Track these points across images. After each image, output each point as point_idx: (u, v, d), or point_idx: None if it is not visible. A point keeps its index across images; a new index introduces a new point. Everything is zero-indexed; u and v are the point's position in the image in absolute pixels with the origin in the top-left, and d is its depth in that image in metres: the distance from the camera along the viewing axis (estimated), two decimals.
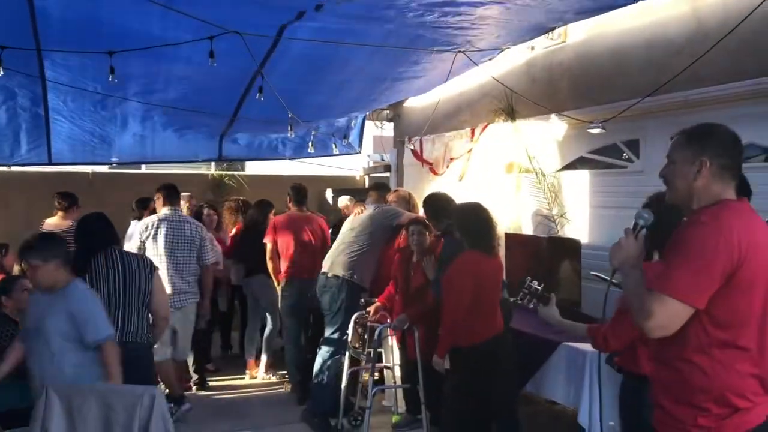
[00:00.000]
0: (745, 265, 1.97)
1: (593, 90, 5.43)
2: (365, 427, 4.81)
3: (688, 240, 2.02)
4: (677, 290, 1.97)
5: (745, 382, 2.01)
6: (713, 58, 4.31)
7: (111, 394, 3.19)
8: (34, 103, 5.79)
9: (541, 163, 6.02)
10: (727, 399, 1.99)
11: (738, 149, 2.17)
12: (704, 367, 2.01)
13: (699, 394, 2.02)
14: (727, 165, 2.12)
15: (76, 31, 4.50)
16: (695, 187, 2.13)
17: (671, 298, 1.97)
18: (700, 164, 2.11)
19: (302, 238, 6.03)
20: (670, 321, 1.99)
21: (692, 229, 2.04)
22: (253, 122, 7.02)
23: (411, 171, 7.91)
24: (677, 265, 2.01)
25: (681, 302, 1.97)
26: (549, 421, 5.22)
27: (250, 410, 5.72)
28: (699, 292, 1.97)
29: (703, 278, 1.97)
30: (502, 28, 5.15)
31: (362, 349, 5.35)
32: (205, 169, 10.20)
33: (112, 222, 4.06)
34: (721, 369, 2.00)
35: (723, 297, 1.98)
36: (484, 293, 4.04)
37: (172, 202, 5.67)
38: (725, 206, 2.08)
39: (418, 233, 4.88)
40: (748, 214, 2.10)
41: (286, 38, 4.74)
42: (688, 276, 1.97)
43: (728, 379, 2.00)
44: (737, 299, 1.99)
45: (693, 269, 1.97)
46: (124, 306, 3.69)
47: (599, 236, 5.54)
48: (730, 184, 2.13)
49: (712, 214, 2.05)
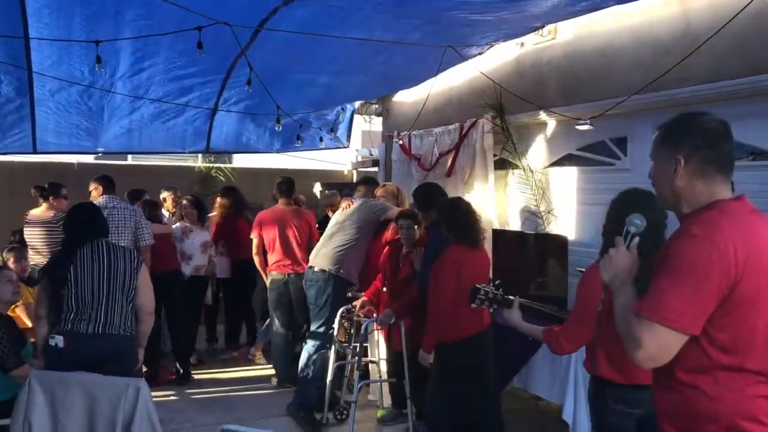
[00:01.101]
0: (745, 280, 1.74)
1: (582, 87, 5.44)
2: (351, 421, 4.81)
3: (677, 256, 1.78)
4: (666, 317, 1.74)
5: (756, 404, 1.77)
6: (701, 58, 4.34)
7: (95, 386, 3.17)
8: (19, 92, 5.73)
9: (529, 159, 6.04)
10: (738, 426, 1.77)
11: (722, 138, 1.91)
12: (708, 391, 1.79)
13: (707, 423, 1.79)
14: (710, 158, 1.87)
15: (65, 19, 4.47)
16: (677, 188, 1.91)
17: (661, 326, 1.74)
18: (676, 162, 1.89)
19: (288, 232, 6.02)
20: (662, 351, 1.77)
21: (682, 242, 1.79)
22: (236, 114, 7.02)
23: (399, 166, 7.90)
24: (666, 287, 1.76)
25: (673, 330, 1.74)
26: (534, 416, 5.25)
27: (235, 404, 5.71)
28: (692, 317, 1.75)
29: (697, 301, 1.74)
30: (493, 27, 5.18)
31: (348, 344, 5.36)
32: (192, 161, 10.14)
33: (102, 215, 4.00)
34: (727, 392, 1.78)
35: (722, 317, 1.76)
36: None
37: (110, 191, 5.88)
38: (719, 210, 1.83)
39: (407, 227, 4.88)
40: (748, 216, 1.85)
41: (269, 29, 4.71)
42: (679, 299, 1.74)
43: (736, 402, 1.77)
44: (739, 319, 1.76)
45: (684, 291, 1.74)
46: (107, 299, 3.65)
47: (586, 233, 5.56)
48: (715, 179, 1.88)
49: (703, 222, 1.80)
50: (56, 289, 3.63)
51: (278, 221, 6.05)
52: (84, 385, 3.17)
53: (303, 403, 5.23)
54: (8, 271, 4.33)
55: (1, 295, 4.06)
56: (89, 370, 3.35)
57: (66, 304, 3.61)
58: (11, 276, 4.21)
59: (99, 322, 3.62)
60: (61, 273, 3.63)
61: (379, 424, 5.24)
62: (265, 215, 6.18)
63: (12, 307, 4.42)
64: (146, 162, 10.05)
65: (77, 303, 3.61)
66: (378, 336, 5.44)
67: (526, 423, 5.07)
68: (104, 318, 3.64)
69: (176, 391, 6.03)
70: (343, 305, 5.27)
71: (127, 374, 3.41)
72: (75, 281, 3.61)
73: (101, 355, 3.58)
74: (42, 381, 3.20)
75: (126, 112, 6.57)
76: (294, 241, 6.00)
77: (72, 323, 3.60)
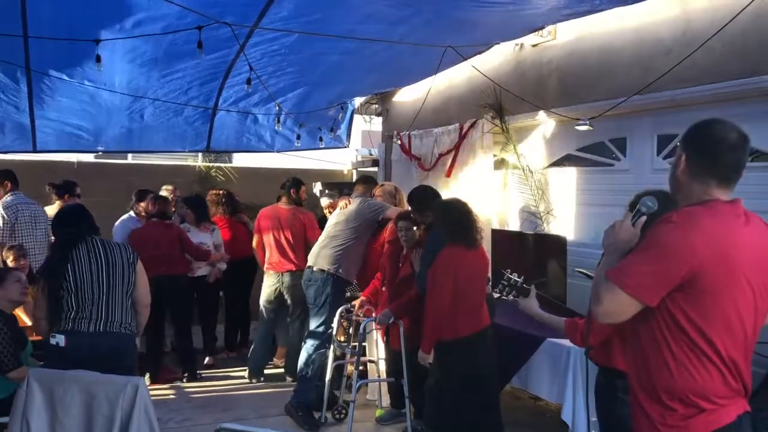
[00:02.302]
0: (707, 271, 1.92)
1: (581, 88, 5.45)
2: (349, 420, 4.81)
3: (652, 236, 1.99)
4: (628, 284, 1.96)
5: (708, 385, 1.97)
6: (700, 59, 4.34)
7: (94, 384, 3.17)
8: (18, 91, 5.74)
9: (529, 159, 6.04)
10: (690, 400, 1.97)
11: (727, 151, 2.04)
12: (670, 367, 1.99)
13: (664, 392, 2.00)
14: (707, 165, 2.04)
15: (65, 17, 4.48)
16: (678, 181, 2.10)
17: (620, 289, 1.97)
18: (679, 158, 2.09)
19: (282, 232, 6.08)
20: (616, 311, 2.01)
21: (661, 226, 1.99)
22: (236, 113, 7.02)
23: (399, 166, 7.91)
24: (636, 260, 2.00)
25: (629, 296, 1.96)
26: (533, 417, 5.25)
27: (234, 403, 5.71)
28: (650, 289, 1.96)
29: (657, 278, 1.95)
30: (494, 28, 5.19)
31: (347, 343, 5.36)
32: (192, 160, 10.14)
33: (90, 213, 4.00)
34: (685, 371, 1.97)
35: (684, 300, 1.96)
36: (468, 287, 4.06)
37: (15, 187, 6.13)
38: (706, 206, 2.00)
39: (406, 229, 4.88)
40: (732, 218, 2.01)
41: (266, 28, 4.72)
42: (643, 272, 1.96)
43: (691, 381, 1.97)
44: (699, 305, 1.96)
45: (649, 267, 1.96)
46: (107, 296, 3.65)
47: (585, 233, 5.57)
48: (710, 183, 2.03)
49: (686, 213, 1.99)
50: (55, 290, 3.63)
51: (274, 220, 6.13)
52: (82, 383, 3.18)
53: (302, 402, 5.23)
54: (17, 272, 4.33)
55: (9, 294, 4.06)
56: (90, 368, 3.35)
57: (66, 303, 3.61)
58: (20, 276, 4.21)
59: (100, 320, 3.63)
60: (59, 273, 3.63)
61: (377, 424, 5.23)
62: (264, 213, 6.28)
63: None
64: (146, 161, 10.04)
65: (77, 302, 3.61)
66: (376, 335, 5.44)
67: (525, 423, 5.07)
68: (105, 315, 3.64)
69: (175, 390, 6.04)
70: (342, 305, 5.28)
71: (128, 372, 3.41)
72: (74, 281, 3.61)
73: (102, 354, 3.58)
74: (40, 379, 3.21)
75: (126, 111, 6.57)
76: (286, 241, 6.07)
77: (73, 322, 3.60)
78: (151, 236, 6.05)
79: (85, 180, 7.13)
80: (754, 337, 2.05)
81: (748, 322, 2.00)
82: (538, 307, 3.13)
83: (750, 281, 1.98)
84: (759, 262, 2.00)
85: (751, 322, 2.01)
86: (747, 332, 2.01)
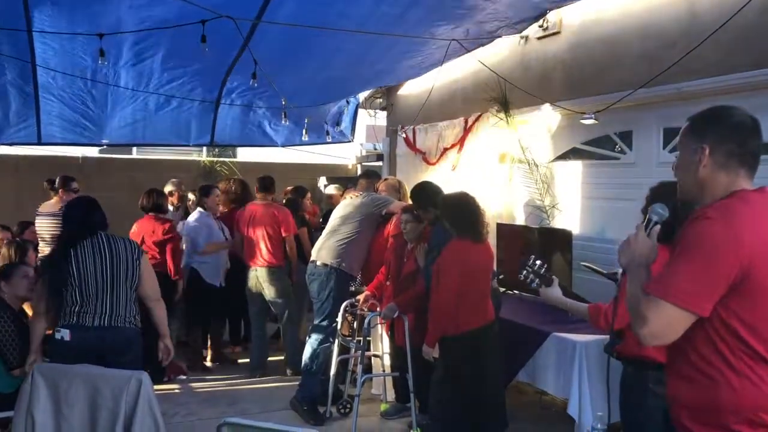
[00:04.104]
0: (759, 266, 1.74)
1: (586, 81, 5.41)
2: (354, 414, 4.81)
3: (690, 237, 1.79)
4: (675, 295, 1.74)
5: None
6: (706, 51, 4.31)
7: (98, 378, 3.17)
8: (23, 84, 5.75)
9: (534, 153, 6.01)
10: (760, 418, 1.75)
11: (748, 133, 1.91)
12: (732, 382, 1.77)
13: (728, 415, 1.77)
14: (734, 152, 1.87)
15: (67, 11, 4.47)
16: (700, 178, 1.91)
17: (668, 303, 1.74)
18: (701, 151, 1.90)
19: (265, 227, 6.11)
20: (667, 329, 1.78)
21: (696, 225, 1.79)
22: (240, 107, 7.01)
23: (403, 160, 7.89)
24: (676, 266, 1.78)
25: (679, 308, 1.74)
26: (538, 411, 5.24)
27: (239, 397, 5.71)
28: (700, 296, 1.74)
29: (705, 281, 1.74)
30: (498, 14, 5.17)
31: (352, 338, 5.35)
32: (197, 155, 10.15)
33: (101, 207, 3.98)
34: (751, 385, 1.76)
35: (738, 304, 1.76)
36: (473, 281, 4.04)
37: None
38: (737, 197, 1.84)
39: (407, 222, 4.86)
40: (765, 205, 1.85)
41: (269, 22, 4.70)
42: (689, 278, 1.74)
43: (759, 395, 1.76)
44: (756, 306, 1.76)
45: (694, 271, 1.74)
46: (112, 291, 3.65)
47: (591, 227, 5.55)
48: (739, 173, 1.88)
49: (720, 207, 1.80)
50: (59, 285, 3.63)
51: (256, 216, 6.18)
52: (86, 377, 3.18)
53: (306, 397, 5.23)
54: (26, 267, 4.33)
55: (17, 290, 4.07)
56: (95, 363, 3.36)
57: (70, 297, 3.61)
58: (28, 272, 4.21)
59: (105, 314, 3.63)
60: (63, 268, 3.63)
61: (382, 418, 5.23)
62: (240, 212, 6.33)
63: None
64: (151, 156, 10.07)
65: (81, 296, 3.61)
66: (381, 330, 5.43)
67: (530, 418, 5.06)
68: (110, 310, 3.64)
69: (181, 385, 6.05)
70: (346, 299, 5.27)
71: (132, 367, 3.41)
72: (78, 275, 3.61)
73: (107, 348, 3.59)
74: (45, 373, 3.21)
75: (130, 104, 6.58)
76: (262, 236, 6.11)
77: (78, 316, 3.60)
78: (142, 231, 6.06)
79: (89, 175, 7.16)
80: None
81: None
82: (561, 295, 3.08)
83: None
84: None
85: None
86: None
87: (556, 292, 3.08)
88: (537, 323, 4.62)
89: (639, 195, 2.80)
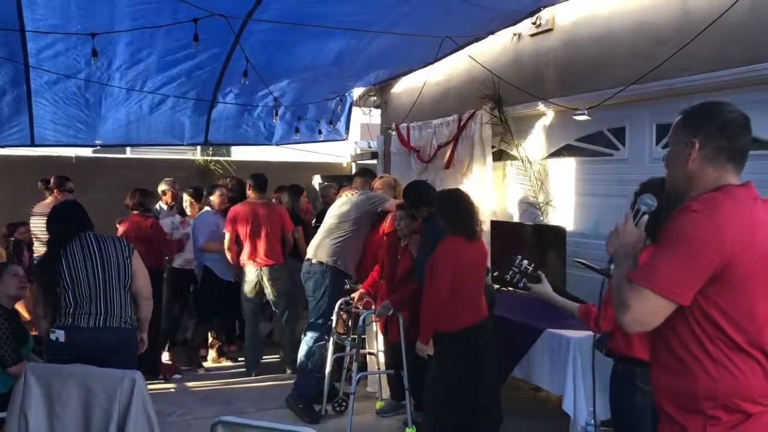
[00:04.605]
0: (740, 259, 1.80)
1: (580, 77, 5.42)
2: (349, 412, 4.81)
3: (675, 229, 1.84)
4: (657, 284, 1.80)
5: (752, 384, 1.83)
6: (699, 47, 4.31)
7: (91, 378, 3.17)
8: (15, 85, 5.72)
9: (528, 150, 6.02)
10: (735, 404, 1.82)
11: (739, 130, 1.95)
12: (709, 370, 1.83)
13: (705, 401, 1.84)
14: (722, 146, 1.92)
15: (60, 10, 4.46)
16: (689, 171, 1.96)
17: (650, 291, 1.80)
18: (691, 145, 1.94)
19: (268, 226, 6.11)
20: (648, 316, 1.83)
21: (681, 217, 1.84)
22: (234, 106, 7.00)
23: (398, 158, 7.88)
24: (660, 257, 1.83)
25: (661, 297, 1.80)
26: (533, 408, 5.25)
27: (234, 396, 5.71)
28: (682, 286, 1.80)
29: (689, 272, 1.80)
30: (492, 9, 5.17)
31: (347, 336, 5.36)
32: (191, 154, 10.13)
33: (84, 208, 3.97)
34: (727, 373, 1.82)
35: (718, 295, 1.82)
36: (466, 278, 4.05)
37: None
38: (723, 192, 1.89)
39: (401, 218, 4.86)
40: (750, 201, 1.90)
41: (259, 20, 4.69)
42: (671, 268, 1.80)
43: (733, 382, 1.82)
44: (735, 298, 1.83)
45: (677, 261, 1.80)
46: (105, 291, 3.65)
47: (584, 224, 5.56)
48: (727, 167, 1.93)
49: (705, 201, 1.85)
50: (51, 287, 3.62)
51: (251, 214, 6.14)
52: (80, 377, 3.17)
53: (302, 395, 5.24)
54: (15, 266, 4.32)
55: (7, 289, 4.06)
56: (91, 363, 3.35)
57: (64, 299, 3.61)
58: (18, 271, 4.20)
59: (100, 315, 3.63)
60: (54, 270, 3.62)
61: (377, 416, 5.24)
62: (239, 209, 6.26)
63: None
64: (145, 155, 10.04)
65: (75, 298, 3.61)
66: (376, 328, 5.44)
67: (525, 414, 5.06)
68: (104, 310, 3.64)
69: (176, 384, 6.04)
70: (341, 297, 5.27)
71: (127, 367, 3.40)
72: (69, 277, 3.61)
73: (102, 349, 3.58)
74: (38, 373, 3.21)
75: (123, 105, 6.56)
76: (265, 235, 6.11)
77: (73, 317, 3.60)
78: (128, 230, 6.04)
79: (83, 175, 7.14)
80: None
81: None
82: (552, 291, 3.11)
83: None
84: None
85: None
86: None
87: (546, 287, 3.11)
88: (531, 320, 4.62)
89: (632, 191, 2.80)
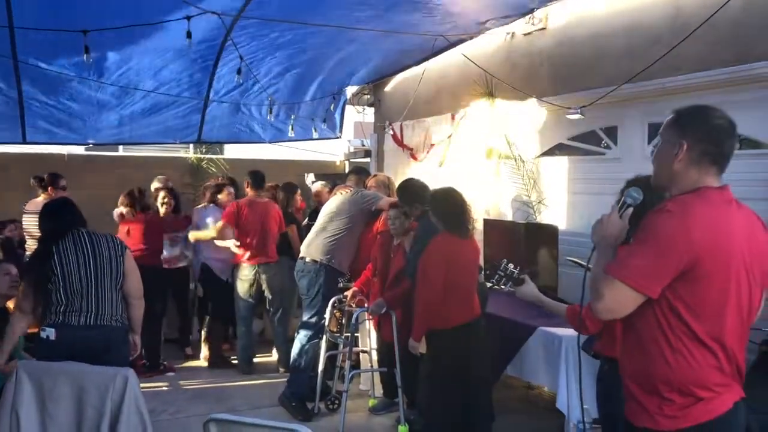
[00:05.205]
0: (705, 259, 1.93)
1: (572, 76, 5.44)
2: (342, 410, 4.81)
3: (649, 227, 1.98)
4: (628, 276, 1.95)
5: (705, 373, 1.98)
6: (691, 46, 4.33)
7: (83, 376, 3.16)
8: (6, 82, 5.69)
9: (521, 149, 6.04)
10: (688, 389, 1.98)
11: (725, 136, 2.07)
12: (667, 357, 1.99)
13: (661, 384, 2.00)
14: (708, 151, 2.04)
15: (49, 8, 4.44)
16: (673, 170, 2.07)
17: (622, 283, 1.96)
18: (679, 146, 2.04)
19: (258, 223, 6.09)
20: (618, 305, 1.99)
21: (656, 216, 1.98)
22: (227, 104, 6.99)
23: (391, 156, 7.89)
24: (633, 252, 1.99)
25: (631, 288, 1.95)
26: (526, 405, 5.27)
27: (227, 394, 5.70)
28: (651, 279, 1.95)
29: (658, 269, 1.94)
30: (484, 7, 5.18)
31: (340, 334, 5.36)
32: (184, 152, 10.10)
33: (76, 205, 3.96)
34: (683, 360, 1.98)
35: (684, 288, 1.95)
36: (459, 276, 4.05)
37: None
38: (698, 194, 2.01)
39: (394, 217, 4.87)
40: (723, 205, 2.03)
41: (250, 18, 4.68)
42: (643, 263, 1.95)
43: (689, 370, 1.97)
44: (698, 292, 1.96)
45: (648, 257, 1.95)
46: (96, 289, 3.62)
47: (576, 222, 5.58)
48: (709, 171, 2.04)
49: (681, 202, 2.00)
50: (42, 283, 3.60)
51: (250, 212, 6.11)
52: (72, 374, 3.16)
53: (295, 393, 5.24)
54: (6, 265, 4.30)
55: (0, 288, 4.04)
56: (82, 361, 3.34)
57: (55, 297, 3.58)
58: (10, 269, 4.18)
59: (90, 313, 3.60)
60: (45, 266, 3.60)
61: (370, 413, 5.24)
62: (237, 205, 6.20)
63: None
64: (137, 153, 10.00)
65: (66, 295, 3.59)
66: (369, 326, 5.44)
67: (518, 411, 5.08)
68: (95, 308, 3.62)
69: (168, 382, 6.03)
70: (335, 295, 5.27)
71: (118, 365, 3.39)
72: (61, 274, 3.58)
73: (93, 347, 3.56)
74: (30, 371, 3.20)
75: (116, 104, 6.53)
76: (263, 231, 6.11)
77: (63, 315, 3.58)
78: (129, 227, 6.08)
79: (75, 172, 7.10)
80: (749, 323, 2.07)
81: (745, 307, 2.03)
82: (537, 291, 3.09)
83: (745, 266, 2.00)
84: (750, 247, 2.02)
85: (746, 307, 2.03)
86: (743, 317, 2.03)
87: (530, 288, 3.08)
88: (523, 318, 4.64)
89: None
